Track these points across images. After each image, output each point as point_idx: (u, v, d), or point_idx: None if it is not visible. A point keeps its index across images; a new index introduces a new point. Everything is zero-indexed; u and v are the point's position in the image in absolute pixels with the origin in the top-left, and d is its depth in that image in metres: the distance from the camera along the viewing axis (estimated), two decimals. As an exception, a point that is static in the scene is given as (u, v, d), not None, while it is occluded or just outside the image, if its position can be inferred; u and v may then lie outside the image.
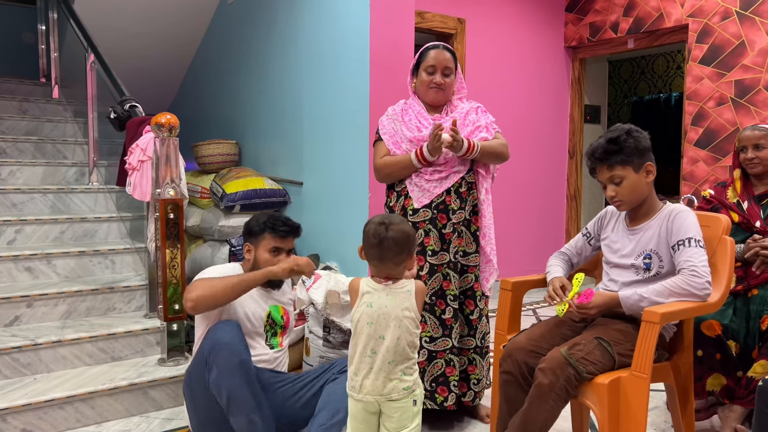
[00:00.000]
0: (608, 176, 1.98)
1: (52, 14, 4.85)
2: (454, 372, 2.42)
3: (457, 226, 2.44)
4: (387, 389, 1.75)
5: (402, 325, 1.76)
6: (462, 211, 2.45)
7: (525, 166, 5.06)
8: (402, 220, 1.80)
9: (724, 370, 2.32)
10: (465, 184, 2.46)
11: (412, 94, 2.57)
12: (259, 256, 2.26)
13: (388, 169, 2.48)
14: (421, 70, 2.49)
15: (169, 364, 2.77)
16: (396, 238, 1.74)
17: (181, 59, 4.91)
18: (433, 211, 2.43)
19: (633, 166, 1.96)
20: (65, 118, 4.53)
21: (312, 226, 3.68)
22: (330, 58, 3.54)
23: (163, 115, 2.74)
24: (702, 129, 4.33)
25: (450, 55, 2.48)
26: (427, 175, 2.43)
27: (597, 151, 1.99)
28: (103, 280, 3.17)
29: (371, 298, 1.78)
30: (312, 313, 2.98)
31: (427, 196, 2.43)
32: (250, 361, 2.08)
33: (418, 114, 2.49)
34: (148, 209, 2.93)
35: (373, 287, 1.80)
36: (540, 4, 5.07)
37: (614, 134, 1.97)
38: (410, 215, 2.45)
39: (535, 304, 4.63)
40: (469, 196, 2.47)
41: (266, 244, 2.26)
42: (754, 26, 4.04)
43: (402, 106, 2.56)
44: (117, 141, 3.68)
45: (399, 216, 1.85)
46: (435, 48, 2.48)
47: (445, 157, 2.42)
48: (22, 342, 2.61)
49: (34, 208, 3.50)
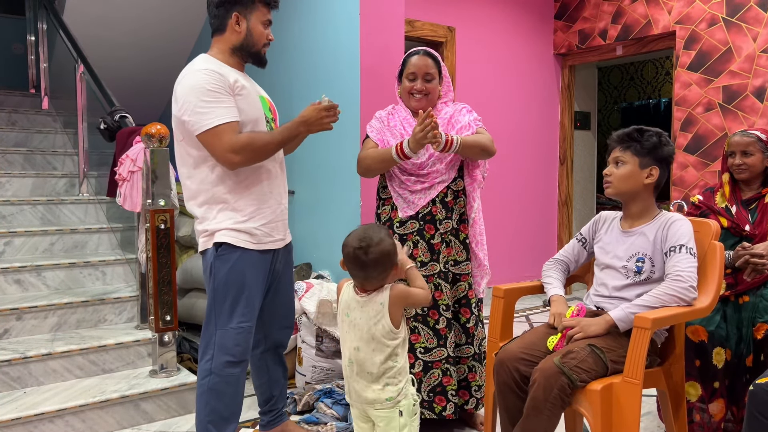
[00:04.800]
0: (615, 156, 2.06)
1: (42, 25, 4.83)
2: (451, 381, 2.41)
3: (445, 236, 2.43)
4: (370, 398, 1.76)
5: (375, 338, 1.75)
6: (449, 220, 2.44)
7: (516, 172, 5.07)
8: (380, 238, 1.74)
9: (700, 379, 2.32)
10: (451, 193, 2.46)
11: (399, 100, 2.58)
12: (254, 28, 2.08)
13: (367, 161, 2.45)
14: (403, 77, 2.49)
15: (161, 375, 2.75)
16: (377, 260, 1.73)
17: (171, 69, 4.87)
18: (420, 222, 2.42)
19: (640, 160, 2.01)
20: (55, 129, 4.52)
21: (304, 236, 3.67)
22: (320, 66, 3.55)
23: (153, 126, 2.73)
24: (691, 134, 4.36)
25: (432, 60, 2.47)
26: (411, 184, 2.43)
27: (621, 133, 2.07)
28: (94, 291, 3.15)
29: (348, 308, 1.80)
30: (304, 323, 2.97)
31: (412, 208, 2.43)
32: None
33: (404, 120, 2.50)
34: (139, 220, 2.92)
35: (351, 297, 1.80)
36: (529, 12, 5.10)
37: (645, 128, 2.04)
38: (397, 227, 2.44)
39: (528, 311, 4.63)
40: (455, 205, 2.46)
41: (260, 16, 2.08)
42: (740, 32, 4.08)
43: (389, 111, 2.57)
44: (107, 151, 3.67)
45: (376, 231, 1.76)
46: (416, 54, 2.48)
47: (426, 150, 2.40)
48: (11, 355, 2.59)
49: (23, 220, 3.48)
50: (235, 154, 1.95)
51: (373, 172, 2.48)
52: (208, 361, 2.06)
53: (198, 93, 1.94)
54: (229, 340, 2.05)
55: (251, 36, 2.09)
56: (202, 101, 1.94)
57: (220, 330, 2.06)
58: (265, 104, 2.18)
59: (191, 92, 1.95)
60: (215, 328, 2.06)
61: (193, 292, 3.77)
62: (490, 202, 4.85)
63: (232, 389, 2.08)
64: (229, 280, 2.04)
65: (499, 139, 4.98)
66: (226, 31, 2.08)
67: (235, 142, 1.95)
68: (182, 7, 4.44)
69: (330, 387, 2.80)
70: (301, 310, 2.96)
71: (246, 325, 2.08)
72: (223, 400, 2.06)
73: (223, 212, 2.04)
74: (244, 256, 2.05)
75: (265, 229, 2.10)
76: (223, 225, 2.04)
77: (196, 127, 1.96)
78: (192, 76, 1.98)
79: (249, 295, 2.08)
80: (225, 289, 2.05)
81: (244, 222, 2.05)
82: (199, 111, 1.94)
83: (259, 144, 2.00)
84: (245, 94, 2.05)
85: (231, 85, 2.00)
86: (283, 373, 2.40)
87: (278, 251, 2.19)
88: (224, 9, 2.06)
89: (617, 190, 2.05)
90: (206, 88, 1.94)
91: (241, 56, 2.12)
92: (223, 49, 2.10)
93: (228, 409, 2.08)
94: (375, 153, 2.43)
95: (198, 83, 1.95)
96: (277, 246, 2.16)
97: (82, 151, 3.81)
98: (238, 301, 2.06)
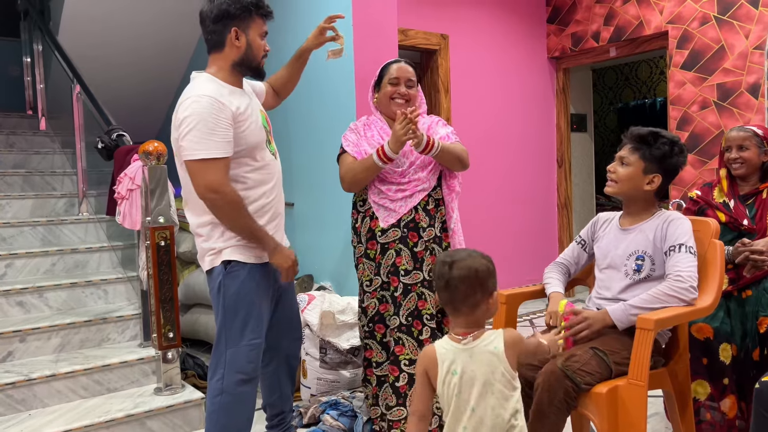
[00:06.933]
0: (622, 154, 2.05)
1: (37, 46, 4.85)
2: None
3: (429, 244, 2.42)
4: None
5: (495, 391, 1.48)
6: (432, 228, 2.44)
7: (514, 177, 5.08)
8: (470, 254, 1.55)
9: (708, 377, 2.32)
10: (432, 201, 2.46)
11: (374, 110, 2.59)
12: (253, 41, 2.07)
13: (351, 174, 2.45)
14: (384, 82, 2.51)
15: (166, 393, 2.74)
16: (462, 276, 1.50)
17: (167, 86, 4.91)
18: (403, 230, 2.41)
19: (645, 165, 2.01)
20: (53, 150, 4.53)
21: (304, 247, 3.67)
22: (315, 78, 3.55)
23: (151, 143, 2.74)
24: (687, 133, 4.36)
25: (412, 69, 2.52)
26: (392, 194, 2.43)
27: (636, 132, 2.05)
28: (96, 310, 3.15)
29: (453, 364, 1.50)
30: (307, 335, 2.97)
31: (393, 216, 2.43)
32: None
33: (381, 130, 2.51)
34: (139, 237, 2.92)
35: (451, 347, 1.52)
36: (521, 17, 5.13)
37: (662, 133, 2.02)
38: (379, 236, 2.43)
39: (532, 315, 4.63)
40: (437, 212, 2.47)
41: (258, 28, 2.07)
42: (732, 30, 4.10)
43: (364, 123, 2.58)
44: (106, 170, 3.68)
45: (468, 250, 1.58)
46: (397, 63, 2.52)
47: (407, 158, 2.41)
48: (15, 378, 2.58)
49: (24, 242, 3.48)
50: (211, 192, 1.94)
51: (360, 183, 2.48)
52: (219, 380, 2.05)
53: (195, 121, 1.94)
54: (241, 358, 2.05)
55: (251, 49, 2.07)
56: (197, 130, 1.93)
57: (231, 348, 2.05)
58: (263, 120, 2.19)
59: (190, 119, 1.95)
60: (226, 346, 2.06)
61: (196, 308, 3.77)
62: (490, 207, 4.85)
63: (243, 407, 2.08)
64: (240, 297, 2.04)
65: (497, 144, 4.99)
66: (225, 46, 2.06)
67: (214, 180, 1.94)
68: (176, 24, 4.46)
69: (335, 399, 2.79)
70: (304, 322, 2.96)
71: (257, 342, 2.08)
72: (234, 418, 2.05)
73: (229, 230, 2.05)
74: (252, 272, 2.06)
75: None
76: (230, 242, 2.04)
77: (185, 153, 1.97)
78: (193, 103, 1.96)
79: (259, 311, 2.08)
80: (235, 306, 2.04)
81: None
82: (192, 139, 1.94)
83: (235, 209, 1.97)
84: (246, 119, 2.04)
85: (234, 114, 1.99)
86: (291, 388, 2.40)
87: None
88: (222, 24, 2.04)
89: (619, 188, 2.06)
90: (204, 118, 1.93)
91: (241, 71, 2.12)
92: (223, 66, 2.08)
93: (238, 426, 2.08)
94: (357, 165, 2.44)
95: (197, 111, 1.94)
96: None
97: (81, 170, 3.82)
98: (249, 318, 2.05)
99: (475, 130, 4.68)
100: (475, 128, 4.69)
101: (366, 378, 2.53)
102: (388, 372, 2.41)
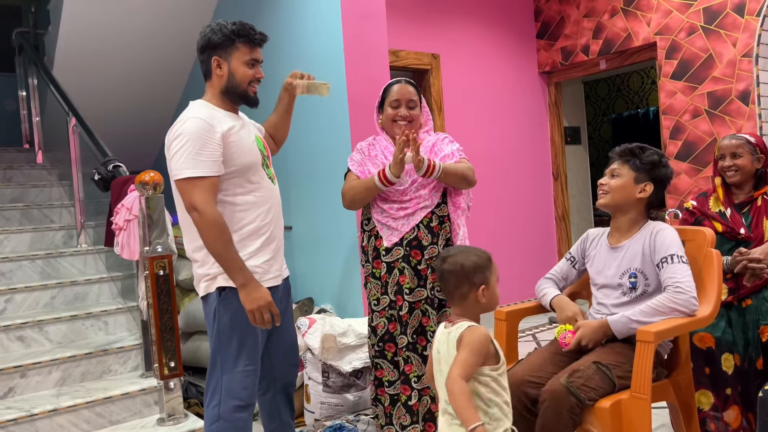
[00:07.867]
0: (612, 168, 2.09)
1: (32, 80, 4.88)
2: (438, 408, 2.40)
3: (431, 262, 2.42)
4: None
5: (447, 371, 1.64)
6: (434, 246, 2.44)
7: (511, 192, 5.09)
8: (463, 251, 1.73)
9: (712, 387, 2.31)
10: (436, 218, 2.46)
11: (380, 130, 2.61)
12: (236, 69, 2.06)
13: (352, 192, 2.49)
14: (386, 105, 2.53)
15: (169, 423, 2.72)
16: (450, 270, 1.67)
17: (162, 115, 4.94)
18: (405, 249, 2.42)
19: (636, 174, 2.04)
20: (50, 182, 4.54)
21: (304, 270, 3.67)
22: (309, 100, 3.58)
23: (147, 173, 2.75)
24: (680, 142, 4.39)
25: (413, 88, 2.53)
26: (394, 212, 2.44)
27: (623, 147, 2.11)
28: (97, 342, 3.14)
29: (438, 344, 1.72)
30: (309, 359, 2.96)
31: (396, 235, 2.44)
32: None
33: (385, 149, 2.53)
34: (138, 267, 2.92)
35: (440, 331, 1.73)
36: (510, 34, 5.18)
37: (648, 147, 2.09)
38: (384, 255, 2.45)
39: (534, 329, 4.61)
40: (441, 230, 2.47)
41: (241, 56, 2.06)
42: (719, 39, 4.14)
43: (369, 142, 2.60)
44: (103, 201, 3.69)
45: (464, 247, 1.78)
46: (398, 83, 2.53)
47: (408, 176, 2.42)
48: (17, 414, 2.56)
49: (23, 276, 3.47)
50: (194, 211, 1.95)
51: (359, 202, 2.51)
52: (215, 407, 2.04)
53: (183, 141, 1.96)
54: (237, 384, 2.04)
55: (234, 78, 2.08)
56: (184, 149, 1.95)
57: (226, 375, 2.04)
58: (260, 144, 2.19)
59: (178, 139, 1.97)
60: (221, 373, 2.05)
61: (197, 336, 3.75)
62: (489, 223, 4.85)
63: None
64: (234, 323, 2.03)
65: (492, 160, 5.01)
66: (212, 75, 2.12)
67: (197, 199, 1.94)
68: (170, 53, 4.50)
69: (340, 423, 2.77)
70: (305, 346, 2.95)
71: (252, 368, 2.06)
72: None
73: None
74: None
75: (266, 266, 2.10)
76: None
77: (173, 173, 1.99)
78: (182, 124, 2.00)
79: (253, 337, 2.07)
80: (230, 332, 2.04)
81: (246, 261, 2.04)
82: (179, 158, 1.96)
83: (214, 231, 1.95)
84: (237, 140, 2.05)
85: (224, 134, 2.01)
86: (291, 414, 2.38)
87: (278, 288, 2.18)
88: (207, 54, 2.09)
89: (611, 201, 2.07)
90: (192, 138, 1.95)
91: (231, 99, 2.14)
92: (214, 94, 2.13)
93: None
94: (358, 184, 2.47)
95: (186, 131, 1.97)
96: (277, 283, 2.16)
97: (78, 202, 3.83)
98: (243, 344, 2.05)
99: (470, 147, 4.67)
100: (470, 146, 4.69)
101: (377, 397, 2.51)
102: (400, 391, 2.41)
